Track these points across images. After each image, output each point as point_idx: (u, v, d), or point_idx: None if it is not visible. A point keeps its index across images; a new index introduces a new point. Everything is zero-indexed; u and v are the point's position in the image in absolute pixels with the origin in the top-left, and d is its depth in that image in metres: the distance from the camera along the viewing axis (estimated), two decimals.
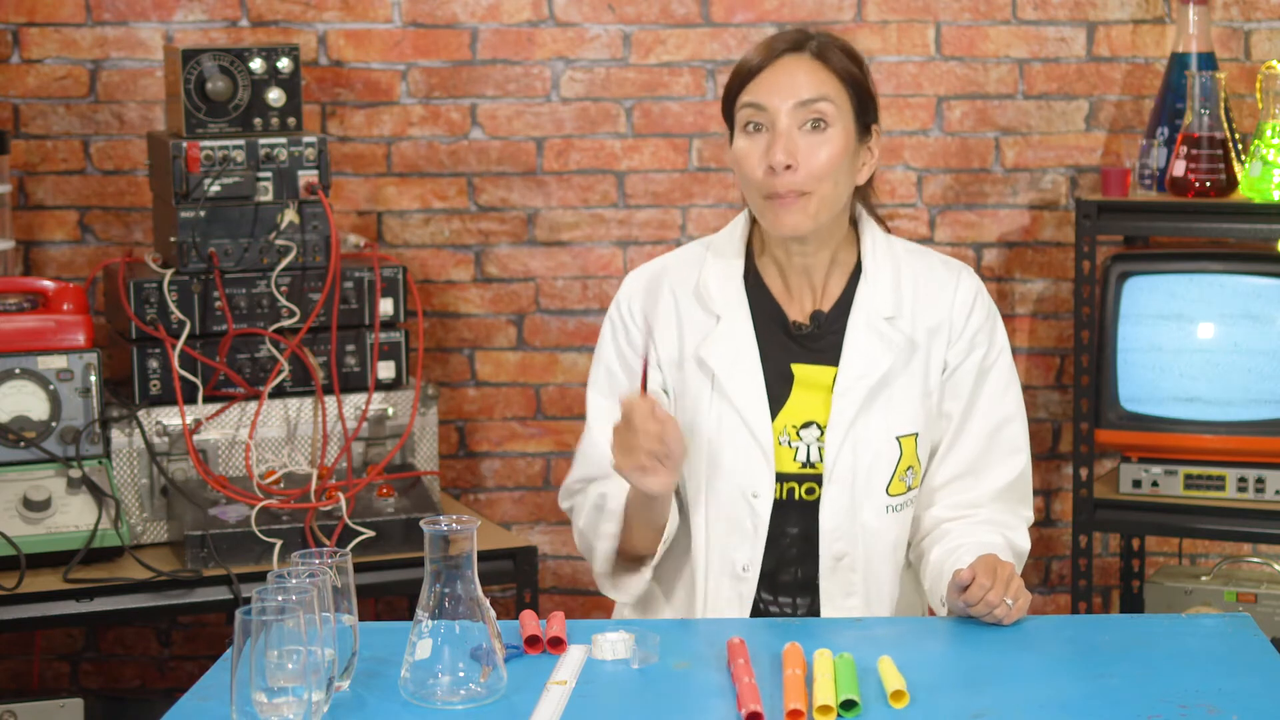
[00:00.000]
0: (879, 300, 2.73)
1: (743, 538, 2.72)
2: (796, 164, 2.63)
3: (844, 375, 2.71)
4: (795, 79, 2.66)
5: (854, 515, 2.71)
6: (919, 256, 2.80)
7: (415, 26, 4.17)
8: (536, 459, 4.30)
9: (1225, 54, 4.17)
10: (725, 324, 2.73)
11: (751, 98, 2.68)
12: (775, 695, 2.26)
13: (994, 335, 2.79)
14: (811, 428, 2.71)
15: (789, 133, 2.65)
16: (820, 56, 2.69)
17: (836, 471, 2.70)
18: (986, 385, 2.77)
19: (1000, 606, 2.50)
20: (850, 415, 2.70)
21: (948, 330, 2.75)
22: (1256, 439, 3.89)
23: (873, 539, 2.73)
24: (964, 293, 2.77)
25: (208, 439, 3.66)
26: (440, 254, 4.23)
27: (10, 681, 4.14)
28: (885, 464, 2.71)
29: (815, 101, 2.66)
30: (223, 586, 3.46)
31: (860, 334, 2.72)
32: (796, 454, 2.71)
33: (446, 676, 2.24)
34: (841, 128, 2.67)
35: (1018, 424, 2.79)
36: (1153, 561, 4.33)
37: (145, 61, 4.11)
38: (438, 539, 2.24)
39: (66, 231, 4.15)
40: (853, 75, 2.70)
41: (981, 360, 2.77)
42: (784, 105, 2.65)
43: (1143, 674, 2.35)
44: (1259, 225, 3.88)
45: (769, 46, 2.70)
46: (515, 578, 3.63)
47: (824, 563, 2.72)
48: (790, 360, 2.73)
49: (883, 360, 2.71)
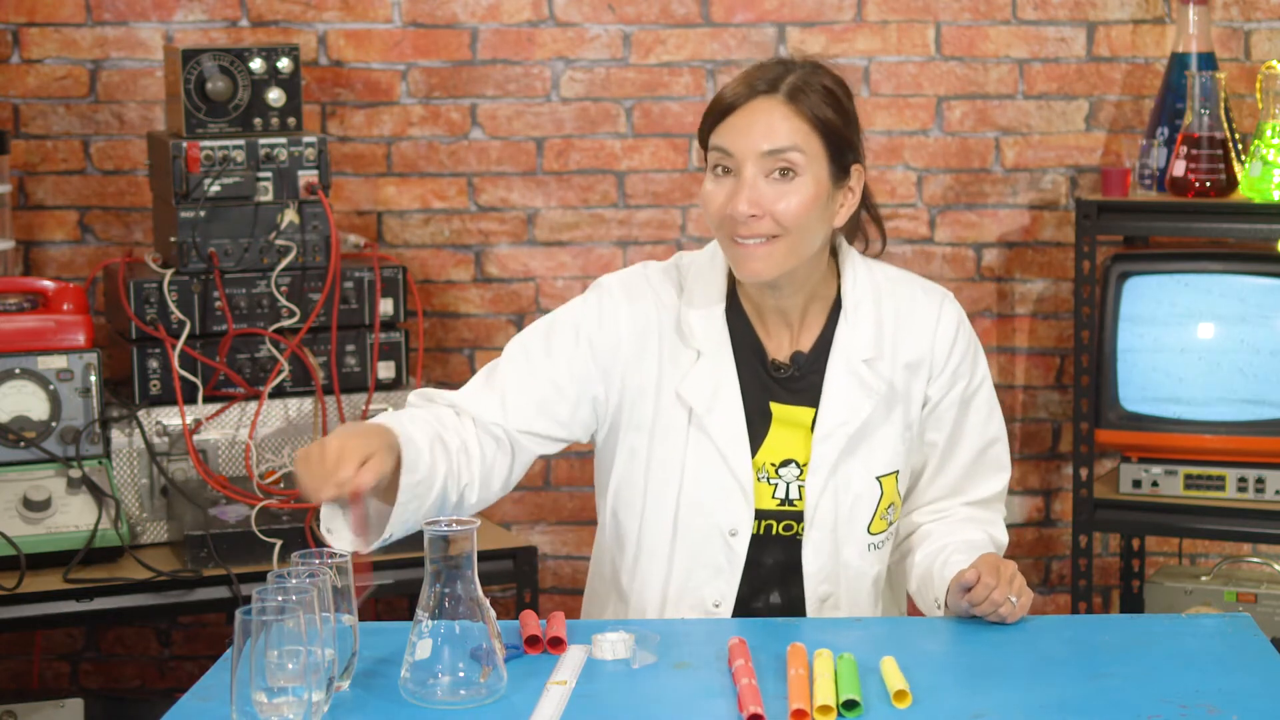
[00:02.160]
0: (859, 341, 2.68)
1: (716, 574, 2.69)
2: (761, 213, 2.57)
3: (824, 421, 2.67)
4: (766, 124, 2.57)
5: (836, 556, 2.70)
6: (901, 285, 2.74)
7: (415, 26, 4.17)
8: (536, 459, 4.29)
9: (1225, 54, 4.17)
10: (706, 360, 2.67)
11: (720, 141, 2.59)
12: (776, 696, 2.26)
13: (975, 366, 2.76)
14: (790, 466, 2.68)
15: (754, 182, 2.56)
16: (793, 99, 2.58)
17: (818, 516, 2.68)
18: (970, 414, 2.75)
19: (1005, 605, 2.50)
20: (832, 460, 2.67)
21: (929, 366, 2.72)
22: (1256, 439, 3.89)
23: (855, 577, 2.72)
24: (945, 325, 2.72)
25: (208, 439, 3.66)
26: (440, 254, 4.23)
27: (10, 681, 4.14)
28: (867, 505, 2.70)
29: (783, 151, 2.57)
30: (223, 586, 3.46)
31: (840, 378, 2.67)
32: (775, 490, 2.69)
33: (446, 676, 2.24)
34: (811, 176, 2.58)
35: (1001, 444, 2.79)
36: (1153, 561, 4.33)
37: (145, 61, 4.11)
38: (438, 539, 2.24)
39: (66, 231, 4.15)
40: (826, 121, 2.59)
41: (964, 392, 2.74)
42: (751, 153, 2.57)
43: (1143, 674, 2.35)
44: (1259, 225, 3.88)
45: (746, 82, 2.60)
46: (515, 578, 3.63)
47: (810, 604, 2.71)
48: (769, 399, 2.69)
49: (863, 407, 2.67)
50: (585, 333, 2.69)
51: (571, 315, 2.72)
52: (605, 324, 2.70)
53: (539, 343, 2.71)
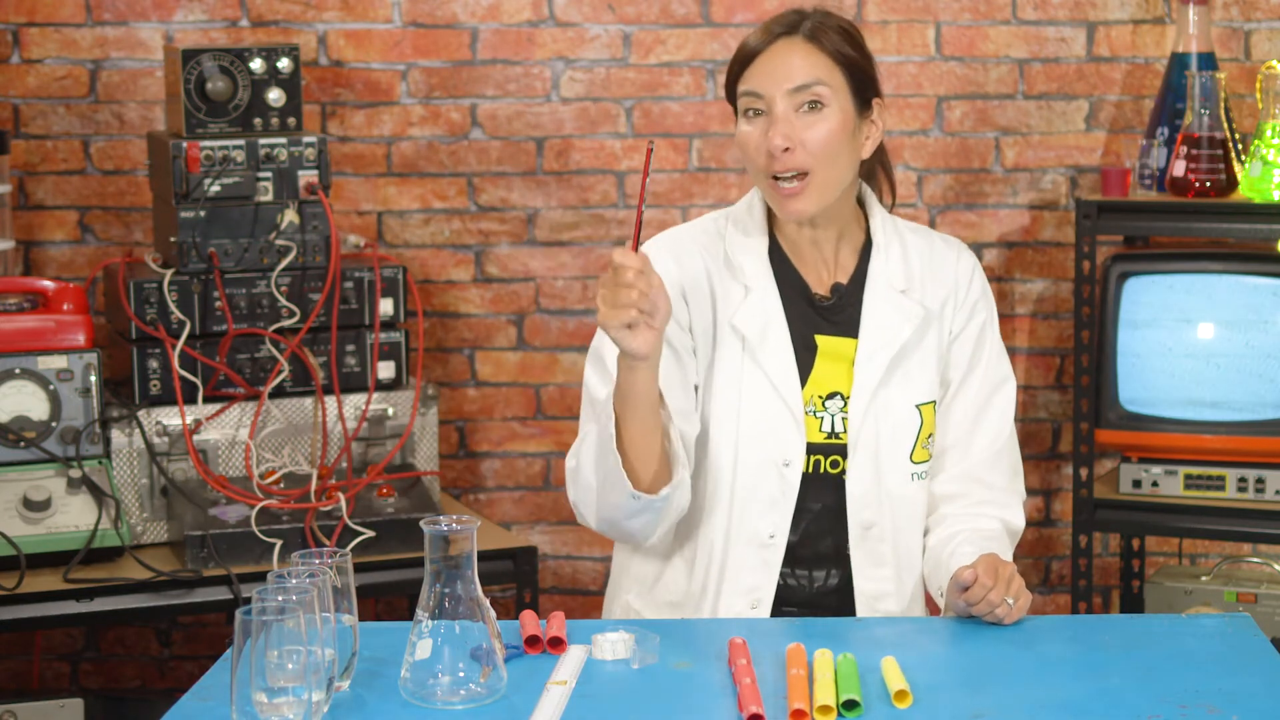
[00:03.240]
0: (892, 273, 2.81)
1: (770, 506, 2.75)
2: (794, 146, 2.70)
3: (865, 346, 2.77)
4: (789, 63, 2.72)
5: (880, 484, 2.76)
6: (920, 235, 2.88)
7: (415, 26, 4.17)
8: (536, 459, 4.30)
9: (1225, 54, 4.17)
10: (755, 295, 2.77)
11: (749, 85, 2.74)
12: (776, 696, 2.26)
13: (990, 304, 2.88)
14: (836, 398, 2.76)
15: (786, 116, 2.71)
16: (813, 39, 2.73)
17: (861, 441, 2.75)
18: (984, 349, 2.84)
19: (1001, 606, 2.52)
20: (872, 386, 2.76)
21: (953, 300, 2.83)
22: (1256, 439, 3.89)
23: (899, 506, 2.78)
24: (964, 263, 2.86)
25: (208, 439, 3.66)
26: (440, 254, 4.23)
27: (10, 681, 4.14)
28: (908, 433, 2.78)
29: (809, 86, 2.71)
30: (223, 586, 3.46)
31: (878, 306, 2.79)
32: (822, 424, 2.76)
33: (446, 676, 2.24)
34: (838, 107, 2.73)
35: (1011, 385, 2.86)
36: (1153, 561, 4.33)
37: (145, 61, 4.11)
38: (438, 539, 2.24)
39: (66, 231, 4.15)
40: (846, 55, 2.74)
41: (981, 327, 2.84)
42: (779, 91, 2.71)
43: (1143, 674, 2.36)
44: (1259, 225, 3.88)
45: (765, 30, 2.75)
46: (515, 578, 3.63)
47: (853, 533, 2.76)
48: (814, 331, 2.78)
49: (902, 331, 2.78)
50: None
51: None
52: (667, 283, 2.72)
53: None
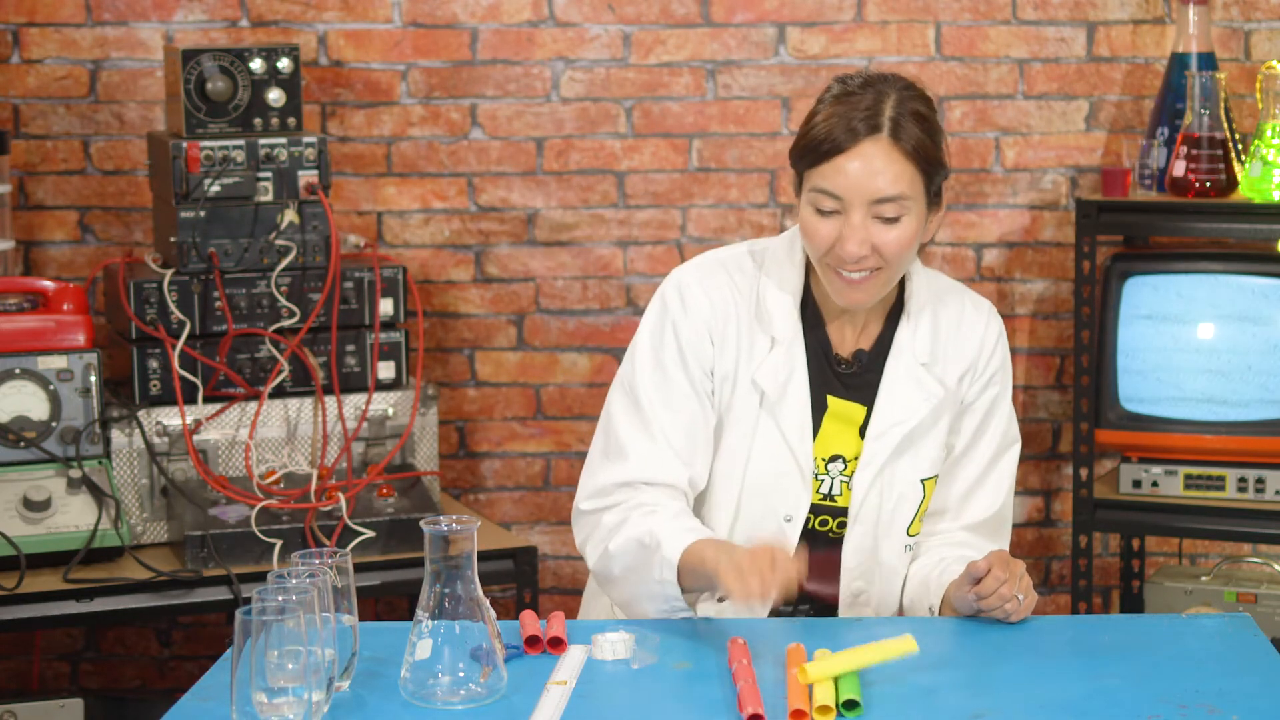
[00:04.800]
0: (918, 345, 2.73)
1: None
2: (868, 253, 2.60)
3: (879, 418, 2.71)
4: (872, 170, 2.57)
5: (874, 554, 2.74)
6: (952, 295, 2.79)
7: (415, 26, 4.16)
8: (536, 459, 4.30)
9: (1225, 54, 4.17)
10: (780, 349, 2.70)
11: (826, 184, 2.59)
12: (776, 696, 2.26)
13: (1008, 374, 2.82)
14: (837, 461, 2.72)
15: (864, 224, 2.59)
16: (896, 137, 2.58)
17: (863, 512, 2.72)
18: (993, 419, 2.79)
19: (1012, 600, 2.52)
20: (882, 459, 2.71)
21: (973, 372, 2.78)
22: (1256, 439, 3.89)
23: (888, 576, 2.76)
24: (990, 334, 2.79)
25: (208, 439, 3.65)
26: (440, 254, 4.23)
27: (10, 681, 4.14)
28: (909, 506, 2.74)
29: (892, 199, 2.58)
30: (223, 586, 3.46)
31: (900, 379, 2.72)
32: (821, 485, 2.72)
33: (446, 676, 2.24)
34: (915, 214, 2.61)
35: (1015, 450, 2.82)
36: (1153, 561, 4.33)
37: (145, 61, 4.11)
38: (438, 539, 2.24)
39: (66, 231, 4.15)
40: (926, 155, 2.60)
41: (994, 399, 2.79)
42: (859, 200, 2.58)
43: (1143, 674, 2.36)
44: (1259, 225, 3.88)
45: (847, 126, 2.58)
46: (515, 578, 3.63)
47: (843, 599, 2.75)
48: (827, 392, 2.73)
49: (920, 409, 2.72)
50: (687, 343, 2.71)
51: (668, 331, 2.73)
52: (696, 324, 2.71)
53: (655, 381, 2.71)
